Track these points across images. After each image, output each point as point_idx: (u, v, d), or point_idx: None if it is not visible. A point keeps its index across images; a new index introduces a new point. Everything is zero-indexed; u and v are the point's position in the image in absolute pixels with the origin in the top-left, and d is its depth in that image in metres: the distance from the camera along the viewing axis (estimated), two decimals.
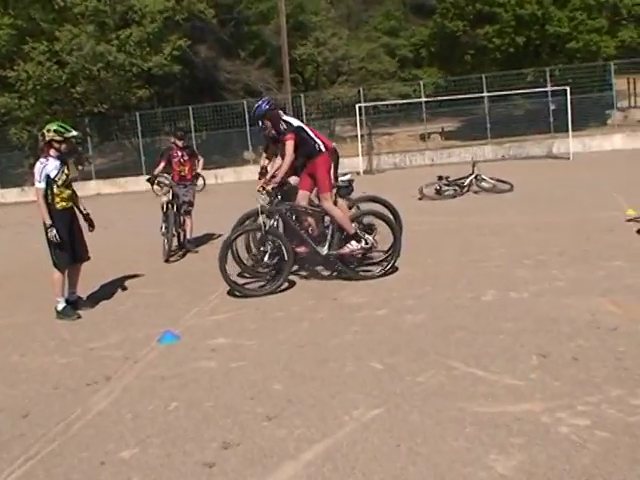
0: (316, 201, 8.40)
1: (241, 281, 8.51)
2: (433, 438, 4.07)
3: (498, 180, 16.17)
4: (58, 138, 7.73)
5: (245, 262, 8.86)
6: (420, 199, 15.49)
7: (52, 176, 7.67)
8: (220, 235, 12.79)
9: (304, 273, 8.79)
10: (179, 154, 11.36)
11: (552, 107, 28.98)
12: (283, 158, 8.17)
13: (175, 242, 11.06)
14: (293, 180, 8.65)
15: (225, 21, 35.80)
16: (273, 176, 8.29)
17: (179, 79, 34.66)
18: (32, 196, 28.61)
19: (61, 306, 7.80)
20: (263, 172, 10.23)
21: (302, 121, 8.78)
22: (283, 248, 7.99)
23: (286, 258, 8.00)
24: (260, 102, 8.41)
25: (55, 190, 7.72)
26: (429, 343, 5.76)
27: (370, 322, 6.52)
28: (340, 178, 8.74)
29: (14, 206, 27.95)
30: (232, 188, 24.34)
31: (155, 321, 7.29)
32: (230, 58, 37.09)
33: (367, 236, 8.27)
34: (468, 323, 6.19)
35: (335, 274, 8.58)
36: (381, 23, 49.45)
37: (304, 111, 30.74)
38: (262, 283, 8.38)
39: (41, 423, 4.83)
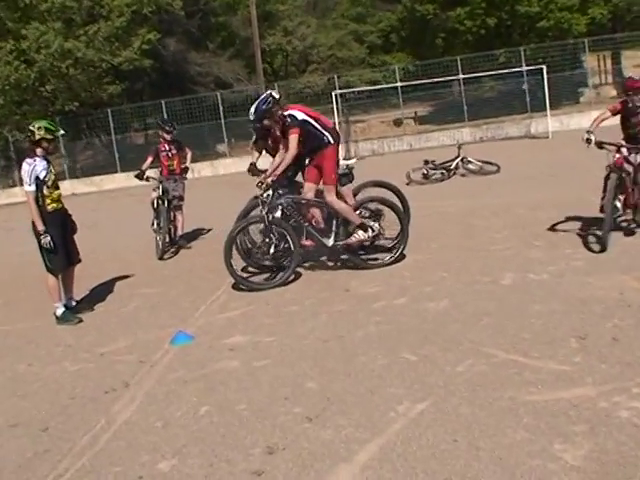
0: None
1: (246, 275, 8.28)
2: (490, 431, 3.87)
3: (484, 162, 16.03)
4: (49, 137, 7.37)
5: (250, 255, 8.54)
6: (408, 184, 15.27)
7: (41, 177, 7.29)
8: (210, 230, 12.53)
9: (309, 264, 8.51)
10: (167, 148, 11.02)
11: (524, 87, 28.98)
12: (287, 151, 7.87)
13: (166, 239, 10.71)
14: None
15: (192, 13, 35.24)
16: (274, 169, 7.99)
17: (148, 74, 34.15)
18: (6, 198, 28.43)
19: (60, 311, 7.47)
20: (251, 168, 9.87)
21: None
22: (289, 238, 7.77)
23: (292, 248, 7.78)
24: (258, 102, 7.99)
25: (45, 192, 7.34)
26: (458, 331, 5.56)
27: (391, 312, 6.30)
28: (345, 163, 8.51)
29: None
30: (210, 182, 23.99)
31: (163, 321, 7.01)
32: (199, 50, 36.65)
33: (373, 224, 8.01)
34: (493, 308, 6.00)
35: (340, 264, 8.37)
36: (348, 10, 49.04)
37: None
38: (268, 275, 8.17)
39: (64, 437, 4.55)
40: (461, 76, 27.87)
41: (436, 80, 27.10)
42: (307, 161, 8.24)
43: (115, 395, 5.17)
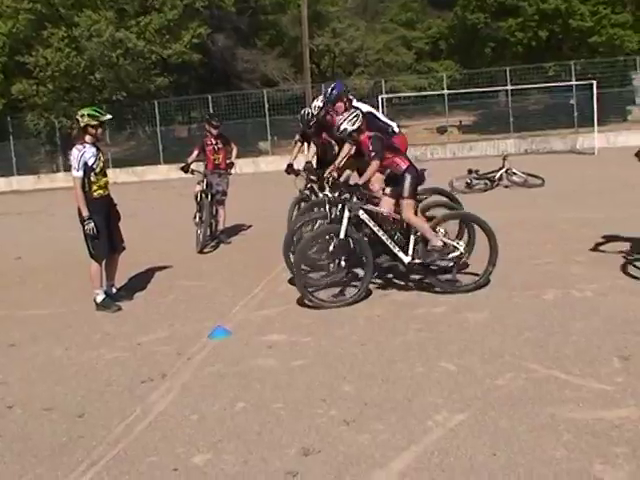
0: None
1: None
2: (530, 447, 3.81)
3: (529, 174, 15.85)
4: (94, 122, 7.42)
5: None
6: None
7: (90, 164, 7.36)
8: (250, 226, 12.57)
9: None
10: (213, 142, 11.07)
11: (572, 101, 28.62)
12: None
13: (207, 232, 10.75)
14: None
15: (243, 10, 35.42)
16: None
17: (195, 68, 34.37)
18: (49, 183, 28.88)
19: (100, 298, 7.54)
20: (289, 169, 9.89)
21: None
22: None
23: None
24: (334, 85, 7.99)
25: (92, 178, 7.42)
26: (498, 343, 5.49)
27: (430, 320, 6.25)
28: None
29: (30, 194, 27.71)
30: (252, 179, 24.05)
31: (201, 315, 7.03)
32: (247, 48, 36.79)
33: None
34: (534, 323, 5.91)
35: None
36: (398, 15, 48.85)
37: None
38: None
39: (99, 424, 4.57)
40: (509, 87, 27.63)
41: (483, 90, 26.88)
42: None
43: (151, 385, 5.20)
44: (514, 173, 16.00)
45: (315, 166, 9.59)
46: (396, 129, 7.74)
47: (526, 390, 4.57)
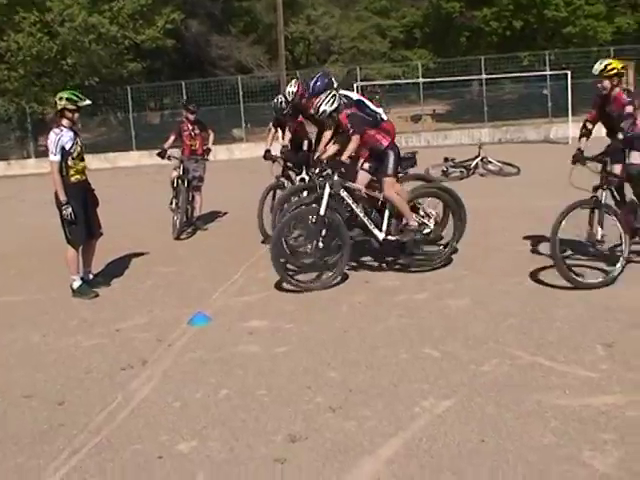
0: None
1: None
2: (518, 433, 3.80)
3: (505, 163, 15.90)
4: (71, 107, 7.28)
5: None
6: None
7: (67, 148, 7.22)
8: (225, 213, 12.45)
9: None
10: (190, 128, 10.93)
11: (544, 92, 28.79)
12: (333, 133, 7.68)
13: (184, 218, 10.62)
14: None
15: None
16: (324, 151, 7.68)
17: (168, 54, 33.97)
18: (19, 170, 28.40)
19: (77, 284, 7.41)
20: (267, 155, 9.78)
21: None
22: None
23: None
24: (317, 77, 7.88)
25: (70, 163, 7.27)
26: (482, 330, 5.48)
27: (412, 306, 6.23)
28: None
29: (0, 180, 27.23)
30: (226, 165, 23.83)
31: (180, 301, 6.94)
32: (221, 34, 36.42)
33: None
34: (517, 309, 5.92)
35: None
36: (372, 3, 48.69)
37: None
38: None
39: (80, 411, 4.49)
40: (484, 76, 27.68)
41: (458, 78, 26.89)
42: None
43: (132, 372, 5.11)
44: (490, 162, 16.04)
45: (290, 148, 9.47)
46: (384, 116, 7.68)
47: (511, 376, 4.56)
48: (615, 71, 7.31)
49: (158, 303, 6.95)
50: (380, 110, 7.72)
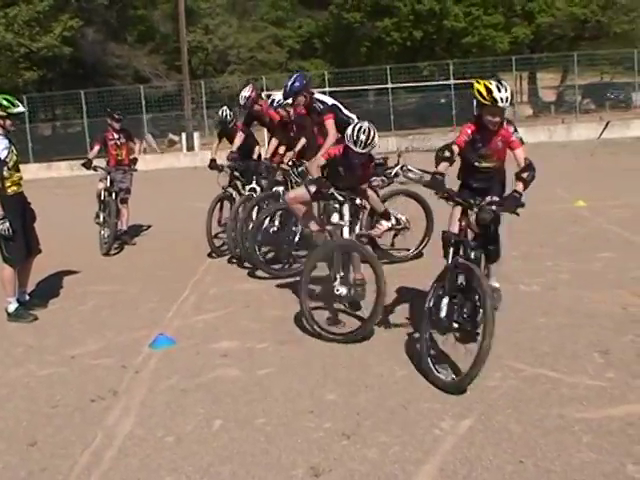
0: None
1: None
2: (553, 451, 3.60)
3: (424, 171, 15.91)
4: (1, 113, 6.65)
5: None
6: None
7: (2, 157, 6.60)
8: (149, 226, 11.87)
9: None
10: (115, 137, 10.32)
11: (442, 100, 29.40)
12: (321, 137, 7.45)
13: (114, 233, 9.97)
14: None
15: (113, 2, 33.95)
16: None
17: (60, 63, 32.63)
18: None
19: (12, 307, 6.75)
20: (212, 164, 9.40)
21: None
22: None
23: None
24: (295, 77, 7.53)
25: (5, 173, 6.65)
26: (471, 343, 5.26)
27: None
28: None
29: None
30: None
31: (132, 323, 6.42)
32: (118, 42, 35.36)
33: (400, 215, 7.93)
34: (497, 319, 5.72)
35: None
36: (268, 13, 48.54)
37: (204, 99, 29.72)
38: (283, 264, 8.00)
39: (59, 453, 3.96)
40: (390, 85, 27.90)
41: (366, 87, 27.03)
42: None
43: (104, 404, 4.60)
44: (409, 170, 16.01)
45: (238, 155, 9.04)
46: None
47: (521, 390, 4.37)
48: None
49: (108, 325, 6.40)
50: (354, 116, 7.50)
